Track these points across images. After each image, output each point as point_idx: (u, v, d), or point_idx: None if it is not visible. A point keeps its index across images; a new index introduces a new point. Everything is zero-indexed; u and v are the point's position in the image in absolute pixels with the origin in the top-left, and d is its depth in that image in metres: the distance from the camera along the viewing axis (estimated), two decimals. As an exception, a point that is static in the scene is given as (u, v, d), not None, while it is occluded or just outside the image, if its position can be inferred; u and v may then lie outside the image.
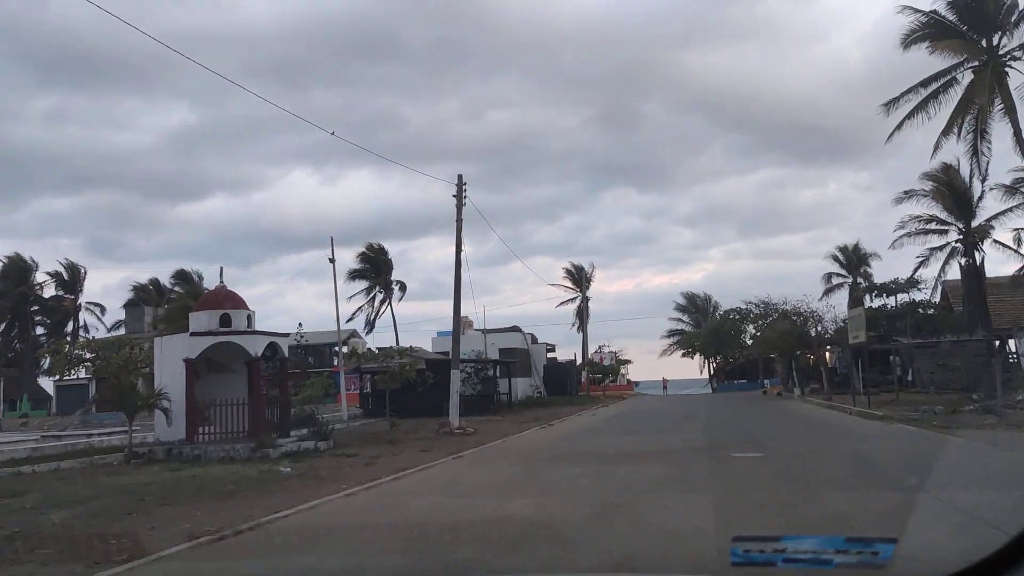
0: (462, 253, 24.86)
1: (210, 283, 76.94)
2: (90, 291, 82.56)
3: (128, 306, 64.01)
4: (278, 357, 21.42)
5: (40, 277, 64.92)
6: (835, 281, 59.04)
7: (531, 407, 39.49)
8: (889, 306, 47.89)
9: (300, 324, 30.99)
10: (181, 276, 69.23)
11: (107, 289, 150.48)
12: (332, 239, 35.32)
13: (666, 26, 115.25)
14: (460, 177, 24.88)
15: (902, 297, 47.77)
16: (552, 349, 55.52)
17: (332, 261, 35.06)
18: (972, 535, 7.04)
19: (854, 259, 57.88)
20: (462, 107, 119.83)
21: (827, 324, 41.55)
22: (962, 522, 7.80)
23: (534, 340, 49.69)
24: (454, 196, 24.77)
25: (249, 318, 20.96)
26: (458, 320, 25.08)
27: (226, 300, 20.79)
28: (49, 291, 65.64)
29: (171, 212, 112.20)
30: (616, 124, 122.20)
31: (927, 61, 31.63)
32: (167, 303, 61.04)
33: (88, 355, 21.13)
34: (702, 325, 74.32)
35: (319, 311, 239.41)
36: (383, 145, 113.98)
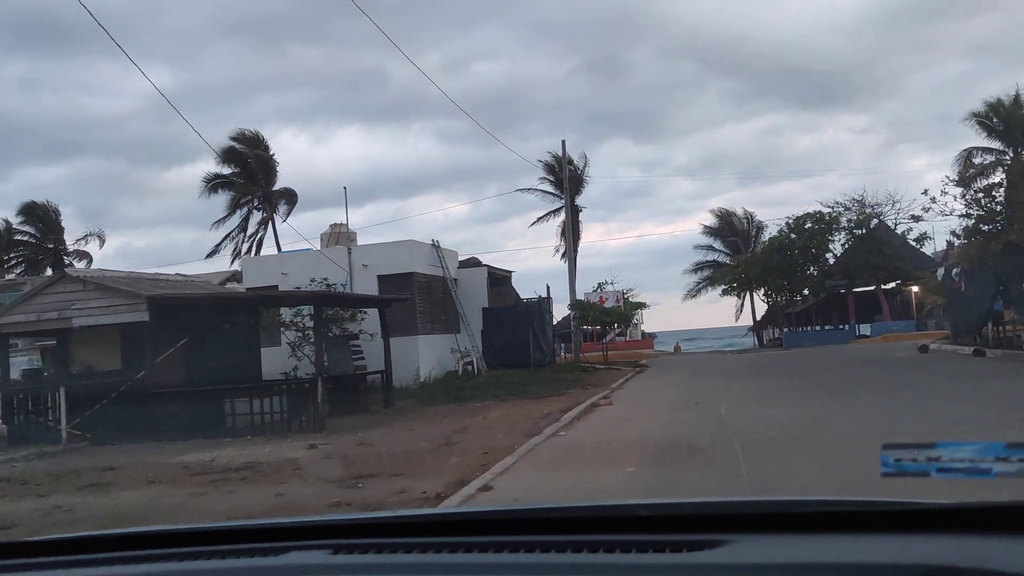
0: None
1: (71, 224, 56.63)
2: None
3: None
4: None
5: None
6: (980, 160, 36.47)
7: (431, 409, 17.15)
8: None
9: None
10: (29, 212, 49.29)
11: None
12: None
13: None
14: None
15: None
16: (505, 279, 28.29)
17: None
18: None
19: (1017, 121, 34.98)
20: (445, 61, 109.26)
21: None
22: None
23: (467, 264, 25.75)
24: None
25: None
26: None
27: None
28: None
29: (161, 177, 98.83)
30: (607, 73, 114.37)
31: None
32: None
33: None
34: (741, 252, 51.33)
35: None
36: (368, 102, 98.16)
